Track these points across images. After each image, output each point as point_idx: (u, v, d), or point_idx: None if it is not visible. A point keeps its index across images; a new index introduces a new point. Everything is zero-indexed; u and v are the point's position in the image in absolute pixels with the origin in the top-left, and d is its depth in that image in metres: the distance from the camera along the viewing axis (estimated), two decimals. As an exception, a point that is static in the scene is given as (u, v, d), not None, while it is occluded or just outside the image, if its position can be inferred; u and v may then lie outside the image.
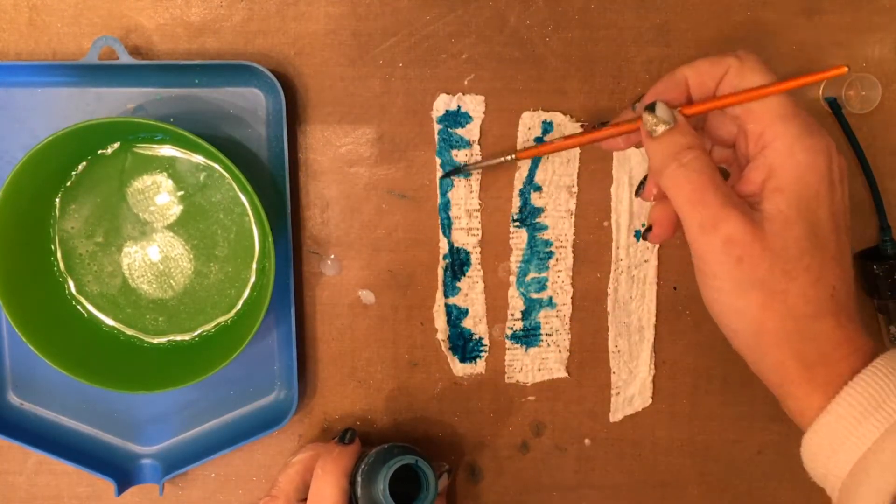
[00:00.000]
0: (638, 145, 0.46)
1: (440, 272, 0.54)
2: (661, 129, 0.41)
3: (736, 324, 0.40)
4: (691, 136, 0.40)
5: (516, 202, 0.54)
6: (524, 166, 0.53)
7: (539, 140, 0.53)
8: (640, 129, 0.42)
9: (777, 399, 0.41)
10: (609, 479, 0.56)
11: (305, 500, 0.48)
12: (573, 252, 0.54)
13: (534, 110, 0.53)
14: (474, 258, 0.54)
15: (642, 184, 0.45)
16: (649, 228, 0.44)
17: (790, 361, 0.39)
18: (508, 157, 0.50)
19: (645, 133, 0.41)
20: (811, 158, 0.39)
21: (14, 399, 0.54)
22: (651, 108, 0.41)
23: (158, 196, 0.52)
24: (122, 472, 0.53)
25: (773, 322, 0.38)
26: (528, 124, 0.53)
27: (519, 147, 0.53)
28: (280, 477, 0.49)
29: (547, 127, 0.53)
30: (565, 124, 0.53)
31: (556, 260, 0.54)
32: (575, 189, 0.54)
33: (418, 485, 0.47)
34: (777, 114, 0.40)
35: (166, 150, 0.52)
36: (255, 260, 0.53)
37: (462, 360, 0.55)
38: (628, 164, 0.53)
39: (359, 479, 0.47)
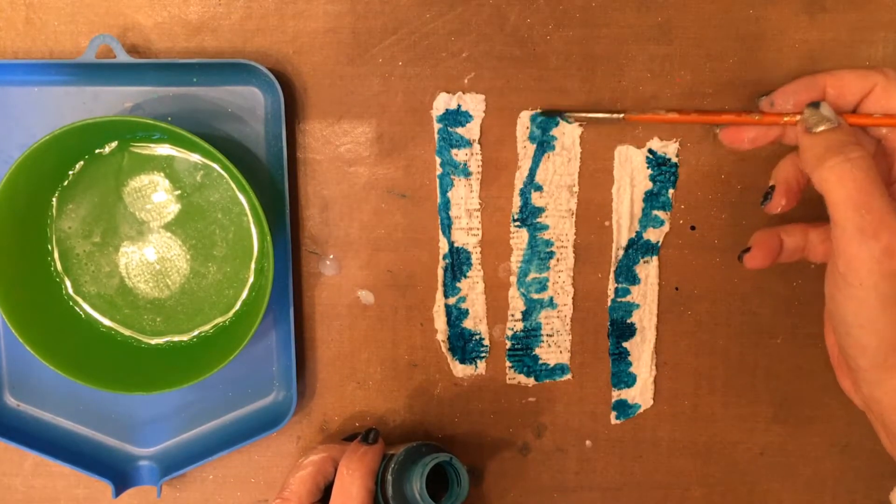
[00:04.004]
0: (763, 145, 0.44)
1: (440, 272, 0.54)
2: (823, 127, 0.39)
3: (867, 338, 0.37)
4: (856, 138, 0.38)
5: (517, 202, 0.53)
6: (524, 166, 0.53)
7: (539, 140, 0.53)
8: (798, 124, 0.40)
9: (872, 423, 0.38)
10: (610, 481, 0.56)
11: (318, 502, 0.47)
12: (574, 252, 0.54)
13: (534, 109, 0.52)
14: (474, 258, 0.54)
15: (769, 194, 0.43)
16: (747, 250, 0.42)
17: None
18: (618, 116, 0.48)
19: (802, 128, 0.39)
20: None
21: (10, 400, 0.54)
22: (815, 105, 0.39)
23: (156, 195, 0.52)
24: (119, 474, 0.53)
25: None
26: (528, 123, 0.53)
27: (520, 145, 0.53)
28: (291, 479, 0.48)
29: (548, 126, 0.53)
30: (566, 123, 0.52)
31: (557, 260, 0.54)
32: (576, 189, 0.53)
33: (444, 484, 0.47)
34: None
35: (164, 150, 0.51)
36: (254, 260, 0.52)
37: (462, 361, 0.54)
38: (629, 165, 0.53)
39: (389, 478, 0.47)
